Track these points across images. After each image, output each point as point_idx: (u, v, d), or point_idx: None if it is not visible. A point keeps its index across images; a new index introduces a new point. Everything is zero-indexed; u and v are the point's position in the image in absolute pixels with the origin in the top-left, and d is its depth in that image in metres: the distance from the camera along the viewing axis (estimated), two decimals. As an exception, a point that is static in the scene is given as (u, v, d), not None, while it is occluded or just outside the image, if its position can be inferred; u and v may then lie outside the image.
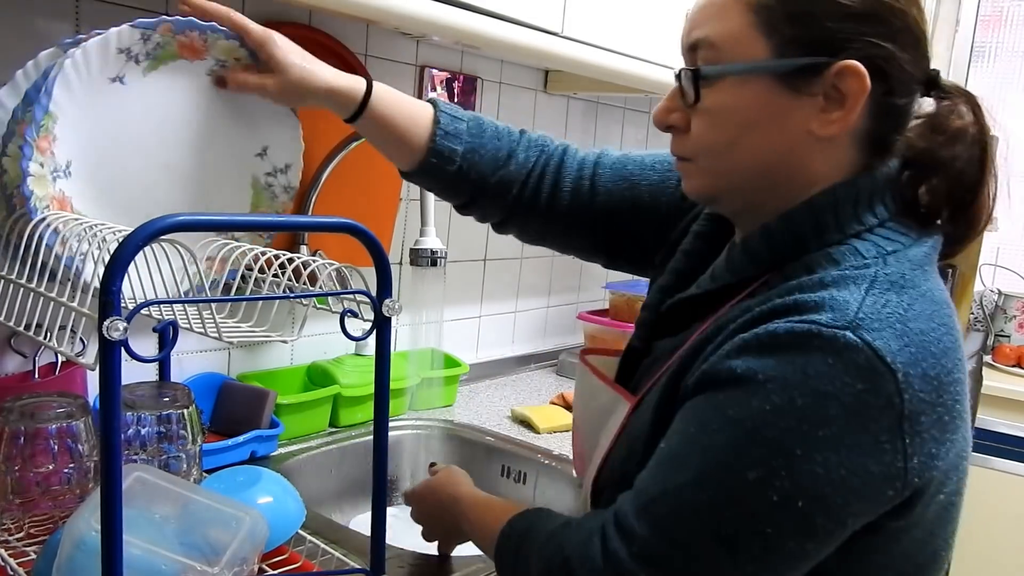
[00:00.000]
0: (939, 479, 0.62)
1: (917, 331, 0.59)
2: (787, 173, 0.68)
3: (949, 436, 0.61)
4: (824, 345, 0.57)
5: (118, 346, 0.53)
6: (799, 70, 0.64)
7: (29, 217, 0.78)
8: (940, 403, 0.59)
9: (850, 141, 0.67)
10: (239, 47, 0.88)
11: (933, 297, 0.63)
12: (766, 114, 0.66)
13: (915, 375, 0.58)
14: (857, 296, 0.60)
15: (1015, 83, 2.87)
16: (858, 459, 0.57)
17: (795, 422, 0.57)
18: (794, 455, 0.57)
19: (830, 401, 0.57)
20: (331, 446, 1.32)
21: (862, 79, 0.63)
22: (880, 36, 0.64)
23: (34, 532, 0.81)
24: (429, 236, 1.26)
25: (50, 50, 0.85)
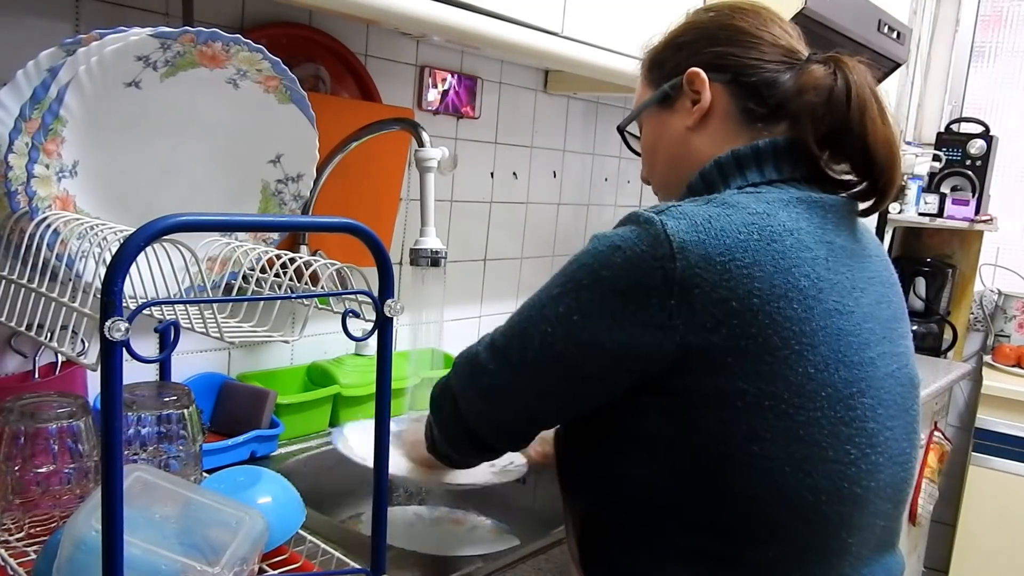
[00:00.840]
0: (720, 357, 0.71)
1: (717, 227, 0.72)
2: (689, 163, 0.86)
3: (738, 324, 0.71)
4: (635, 220, 0.75)
5: (119, 346, 0.53)
6: (666, 94, 0.89)
7: (31, 216, 0.79)
8: (725, 287, 0.70)
9: (724, 121, 0.85)
10: (261, 59, 0.88)
11: (763, 216, 0.75)
12: (660, 131, 0.90)
13: (693, 252, 0.71)
14: (684, 203, 0.76)
15: (1015, 83, 2.87)
16: (627, 301, 0.72)
17: (591, 260, 0.75)
18: (582, 284, 0.75)
19: (618, 252, 0.73)
20: (331, 446, 1.31)
21: (699, 75, 0.85)
22: (708, 46, 0.86)
23: (34, 532, 0.81)
24: (429, 236, 1.25)
25: (50, 50, 0.85)
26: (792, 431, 0.72)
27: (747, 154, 0.82)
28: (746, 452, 0.72)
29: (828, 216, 0.80)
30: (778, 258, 0.73)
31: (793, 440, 0.72)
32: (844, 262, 0.78)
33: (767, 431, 0.71)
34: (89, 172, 0.84)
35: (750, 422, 0.71)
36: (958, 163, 2.66)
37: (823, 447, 0.72)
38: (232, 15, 1.20)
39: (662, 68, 0.90)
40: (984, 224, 2.59)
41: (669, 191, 0.91)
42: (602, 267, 0.74)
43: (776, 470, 0.72)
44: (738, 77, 0.84)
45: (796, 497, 0.72)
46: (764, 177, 0.81)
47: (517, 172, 1.77)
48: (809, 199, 0.79)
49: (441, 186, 1.59)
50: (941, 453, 2.45)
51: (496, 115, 1.69)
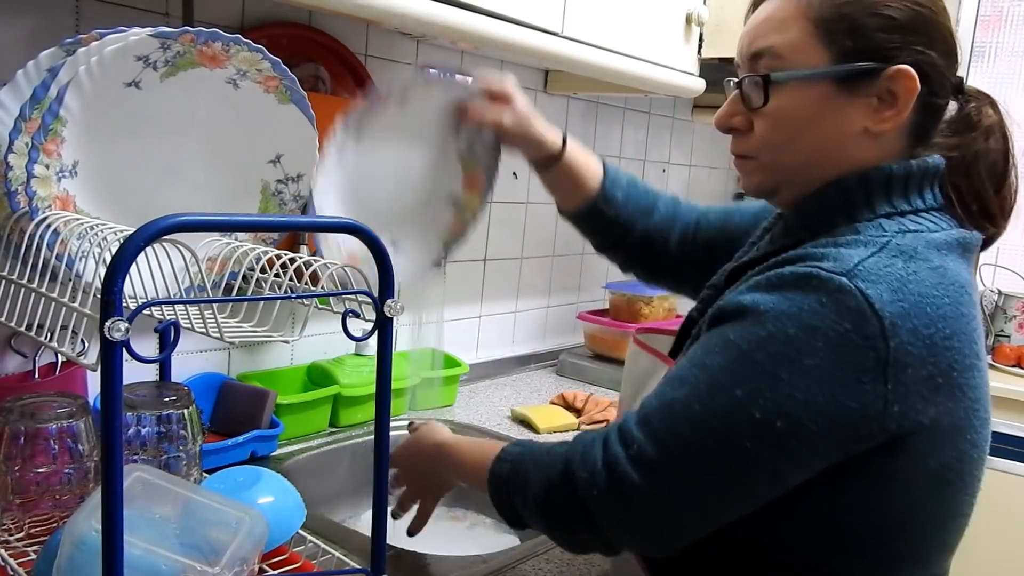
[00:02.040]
0: (927, 438, 0.66)
1: (915, 292, 0.64)
2: (838, 164, 0.75)
3: (942, 400, 0.65)
4: (820, 286, 0.64)
5: (119, 347, 0.53)
6: (856, 75, 0.72)
7: (31, 217, 0.78)
8: (931, 362, 0.64)
9: (897, 134, 0.75)
10: (261, 59, 0.88)
11: (944, 273, 0.67)
12: (825, 114, 0.74)
13: (903, 327, 0.63)
14: (863, 254, 0.66)
15: (1015, 83, 2.87)
16: (837, 392, 0.63)
17: (783, 348, 0.63)
18: (779, 378, 0.63)
19: (818, 334, 0.63)
20: (331, 446, 1.32)
21: (913, 81, 0.71)
22: (923, 44, 0.72)
23: (34, 532, 0.81)
24: (429, 236, 1.25)
25: (50, 50, 0.85)
26: (948, 502, 0.71)
27: (898, 175, 0.73)
28: (915, 520, 0.70)
29: (971, 259, 0.74)
30: (965, 324, 0.67)
31: (952, 504, 0.71)
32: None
33: (939, 502, 0.70)
34: (89, 172, 0.84)
35: (920, 497, 0.69)
36: (958, 163, 2.66)
37: (964, 513, 0.73)
38: (232, 15, 1.20)
39: (861, 38, 0.72)
40: (984, 224, 2.59)
41: (787, 179, 0.78)
42: (801, 356, 0.63)
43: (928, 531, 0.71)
44: (934, 95, 0.74)
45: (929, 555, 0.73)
46: (910, 205, 0.73)
47: (517, 172, 1.77)
48: (964, 242, 0.73)
49: (441, 186, 1.59)
50: (941, 453, 2.45)
51: (496, 115, 1.69)
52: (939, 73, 0.73)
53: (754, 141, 0.78)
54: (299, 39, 1.28)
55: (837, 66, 0.72)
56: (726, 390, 0.65)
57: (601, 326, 1.90)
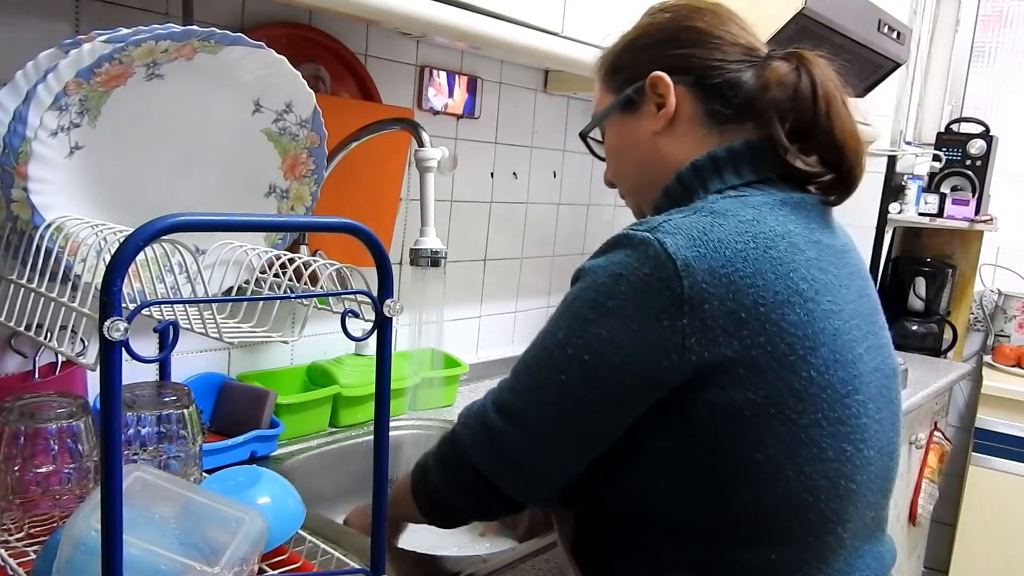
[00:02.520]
0: (738, 372, 0.70)
1: (714, 239, 0.72)
2: (661, 168, 0.85)
3: (749, 335, 0.70)
4: (628, 242, 0.73)
5: (119, 346, 0.53)
6: (628, 97, 0.88)
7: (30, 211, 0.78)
8: (731, 299, 0.70)
9: (691, 124, 0.85)
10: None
11: (755, 226, 0.74)
12: (624, 136, 0.90)
13: (698, 268, 0.70)
14: (672, 216, 0.75)
15: (1015, 83, 2.87)
16: (637, 328, 0.71)
17: (593, 294, 0.73)
18: (588, 320, 0.73)
19: (621, 280, 0.72)
20: (331, 446, 1.32)
21: (662, 79, 0.84)
22: (668, 48, 0.85)
23: (34, 532, 0.81)
24: (429, 236, 1.25)
25: (50, 51, 0.85)
26: (795, 435, 0.72)
27: (723, 156, 0.82)
28: (750, 460, 0.72)
29: (811, 215, 0.81)
30: (776, 264, 0.73)
31: (796, 444, 0.72)
32: (830, 260, 0.79)
33: (772, 438, 0.71)
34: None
35: (756, 431, 0.71)
36: (958, 163, 2.66)
37: (823, 447, 0.73)
38: (232, 14, 1.20)
39: (623, 72, 0.89)
40: (984, 224, 2.59)
41: (639, 196, 0.91)
42: (607, 299, 0.72)
43: (779, 475, 0.72)
44: (702, 79, 0.84)
45: (797, 499, 0.72)
46: (741, 178, 0.81)
47: (517, 172, 1.77)
48: (792, 200, 0.80)
49: (441, 186, 1.59)
50: (941, 453, 2.45)
51: (496, 115, 1.69)
52: (697, 61, 0.83)
53: (609, 178, 0.95)
54: (299, 39, 1.28)
55: (615, 99, 0.89)
56: (552, 335, 0.76)
57: (601, 326, 1.90)
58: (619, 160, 0.92)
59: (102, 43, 0.80)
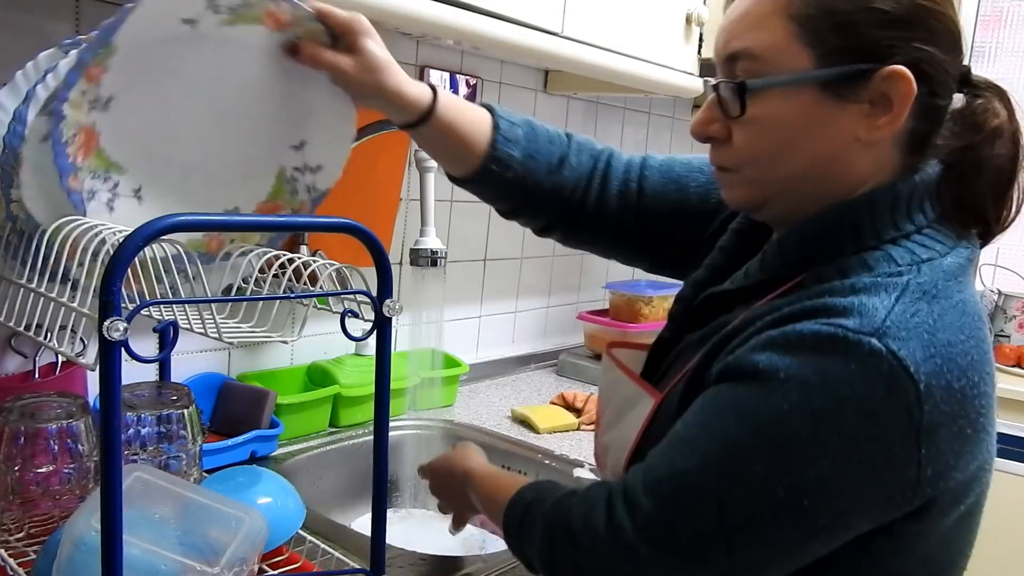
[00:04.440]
0: (957, 490, 0.62)
1: (944, 342, 0.59)
2: (831, 179, 0.68)
3: (970, 448, 0.61)
4: (848, 350, 0.58)
5: (118, 346, 0.53)
6: (845, 78, 0.64)
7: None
8: (962, 415, 0.59)
9: (892, 142, 0.67)
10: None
11: (965, 309, 0.63)
12: (812, 123, 0.66)
13: (937, 387, 0.57)
14: (887, 303, 0.60)
15: (1015, 83, 2.87)
16: (869, 466, 0.58)
17: (810, 423, 0.58)
18: (805, 456, 0.58)
19: (847, 406, 0.57)
20: (331, 446, 1.32)
21: (909, 83, 0.63)
22: (922, 40, 0.64)
23: (34, 532, 0.81)
24: (429, 236, 1.26)
25: (50, 51, 0.85)
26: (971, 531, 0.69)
27: (904, 195, 0.67)
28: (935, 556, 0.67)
29: None
30: (989, 363, 0.63)
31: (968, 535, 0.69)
32: None
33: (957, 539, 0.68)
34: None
35: (949, 537, 0.67)
36: (958, 163, 2.66)
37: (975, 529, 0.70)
38: (232, 15, 1.20)
39: (849, 36, 0.64)
40: (984, 224, 2.59)
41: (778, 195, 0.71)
42: (830, 431, 0.57)
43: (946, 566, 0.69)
44: (934, 96, 0.66)
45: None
46: (914, 224, 0.67)
47: (517, 172, 1.77)
48: (971, 260, 0.68)
49: (441, 186, 1.58)
50: (941, 453, 2.45)
51: (496, 115, 1.69)
52: (941, 71, 0.65)
53: (735, 153, 0.70)
54: (299, 39, 1.28)
55: (822, 69, 0.64)
56: (744, 465, 0.60)
57: (601, 326, 1.90)
58: (782, 143, 0.68)
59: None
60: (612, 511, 0.65)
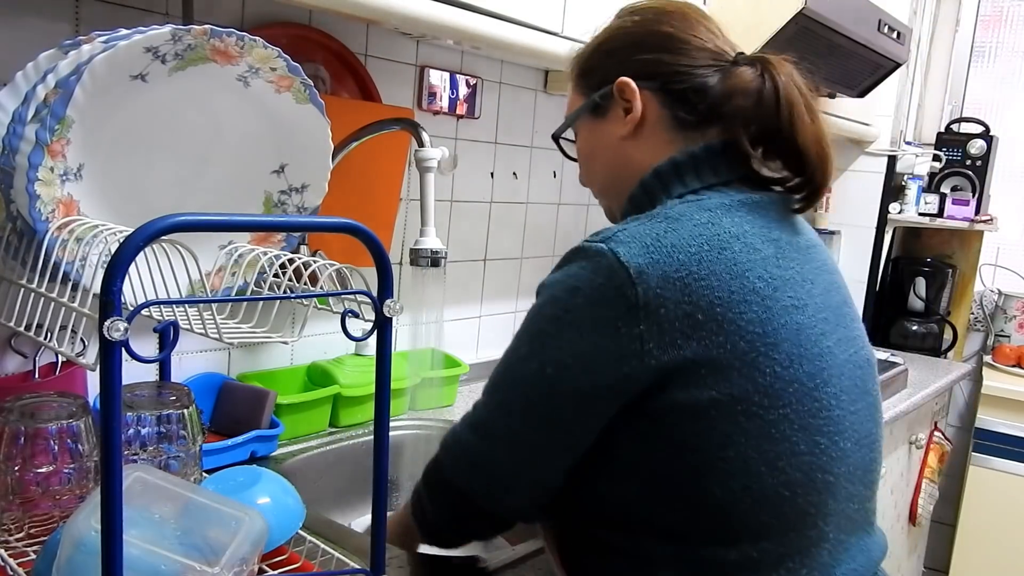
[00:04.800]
0: (694, 370, 0.71)
1: (667, 244, 0.73)
2: (625, 172, 0.87)
3: (707, 335, 0.71)
4: (582, 255, 0.75)
5: (118, 346, 0.53)
6: (596, 103, 0.89)
7: (32, 220, 0.78)
8: (687, 301, 0.71)
9: (656, 129, 0.85)
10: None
11: (709, 228, 0.75)
12: (595, 139, 0.91)
13: (652, 274, 0.71)
14: (628, 224, 0.76)
15: (1015, 83, 2.87)
16: (596, 338, 0.72)
17: (551, 309, 0.75)
18: (548, 334, 0.75)
19: (577, 292, 0.73)
20: (331, 446, 1.32)
21: (628, 84, 0.85)
22: (634, 54, 0.86)
23: (34, 532, 0.81)
24: (429, 236, 1.25)
25: (49, 52, 0.85)
26: (764, 431, 0.73)
27: (685, 161, 0.83)
28: (721, 458, 0.72)
29: (769, 214, 0.81)
30: (731, 264, 0.74)
31: (766, 439, 0.73)
32: (792, 256, 0.80)
33: (741, 435, 0.72)
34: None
35: (724, 429, 0.72)
36: (958, 163, 2.66)
37: (794, 442, 0.74)
38: (232, 15, 1.20)
39: (592, 76, 0.90)
40: (984, 224, 2.59)
41: (609, 198, 0.92)
42: (564, 312, 0.74)
43: (752, 471, 0.72)
44: (667, 85, 0.84)
45: (773, 495, 0.73)
46: (703, 182, 0.82)
47: (517, 172, 1.78)
48: (749, 200, 0.81)
49: (441, 186, 1.59)
50: (941, 453, 2.45)
51: (496, 115, 1.69)
52: (665, 66, 0.84)
53: (581, 180, 0.96)
54: (299, 39, 1.28)
55: (584, 102, 0.90)
56: (515, 351, 0.78)
57: (601, 326, 1.90)
58: (589, 163, 0.93)
59: (102, 44, 0.80)
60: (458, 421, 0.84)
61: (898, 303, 2.73)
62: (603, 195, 0.94)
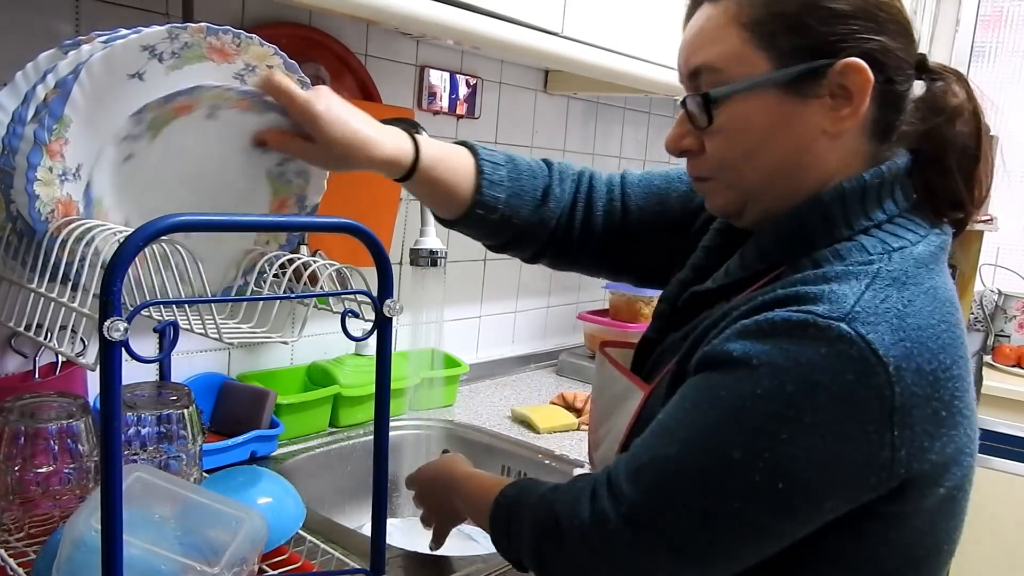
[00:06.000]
0: (934, 471, 0.63)
1: (914, 326, 0.61)
2: (802, 174, 0.70)
3: (945, 431, 0.62)
4: (818, 335, 0.59)
5: (119, 346, 0.53)
6: (802, 76, 0.67)
7: (31, 219, 0.78)
8: (935, 398, 0.61)
9: (858, 132, 0.70)
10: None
11: (936, 294, 0.65)
12: (778, 123, 0.69)
13: (908, 369, 0.59)
14: (856, 290, 0.62)
15: (1015, 83, 2.87)
16: (842, 447, 0.59)
17: (783, 407, 0.59)
18: (778, 439, 0.60)
19: (819, 389, 0.59)
20: (331, 446, 1.32)
21: (864, 73, 0.66)
22: (870, 31, 0.67)
23: (34, 532, 0.81)
24: (429, 236, 1.26)
25: (50, 51, 0.85)
26: (956, 517, 0.69)
27: (873, 185, 0.69)
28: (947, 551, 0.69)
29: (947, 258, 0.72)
30: (961, 347, 0.64)
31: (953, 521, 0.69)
32: None
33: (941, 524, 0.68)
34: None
35: (932, 522, 0.67)
36: (958, 163, 2.66)
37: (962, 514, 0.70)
38: (232, 14, 1.20)
39: (800, 36, 0.67)
40: (984, 224, 2.59)
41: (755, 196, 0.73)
42: (802, 413, 0.59)
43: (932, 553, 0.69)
44: (892, 83, 0.69)
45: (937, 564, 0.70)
46: (885, 213, 0.69)
47: (517, 172, 1.77)
48: (944, 247, 0.70)
49: (441, 186, 1.59)
50: (941, 453, 2.45)
51: (496, 115, 1.69)
52: (894, 57, 0.68)
53: (709, 162, 0.73)
54: (299, 39, 1.28)
55: (779, 71, 0.67)
56: (721, 450, 0.62)
57: (601, 326, 1.90)
58: (752, 146, 0.70)
59: (101, 44, 0.80)
60: (596, 500, 0.67)
61: (898, 303, 2.73)
62: (745, 190, 0.73)
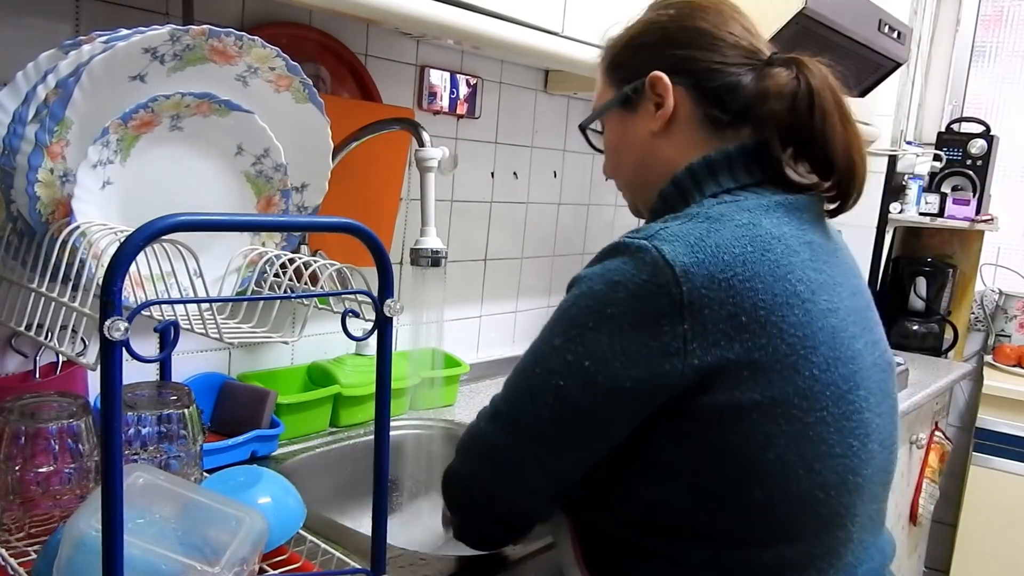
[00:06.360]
0: (742, 373, 0.71)
1: (712, 244, 0.72)
2: (655, 168, 0.86)
3: (750, 337, 0.71)
4: (624, 250, 0.74)
5: (119, 346, 0.53)
6: (629, 94, 0.87)
7: (31, 220, 0.78)
8: (731, 303, 0.71)
9: (688, 126, 0.85)
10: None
11: (751, 229, 0.75)
12: (624, 134, 0.90)
13: (697, 274, 0.70)
14: (669, 223, 0.75)
15: (1015, 83, 2.87)
16: (638, 334, 0.71)
17: (591, 301, 0.73)
18: (587, 326, 0.73)
19: (619, 287, 0.72)
20: (331, 446, 1.32)
21: (662, 79, 0.84)
22: (665, 48, 0.85)
23: (34, 532, 0.81)
24: (429, 236, 1.25)
25: (50, 52, 0.85)
26: (802, 433, 0.73)
27: (719, 160, 0.82)
28: (761, 460, 0.72)
29: (804, 216, 0.81)
30: (773, 266, 0.74)
31: (804, 441, 0.73)
32: (825, 259, 0.80)
33: (780, 437, 0.72)
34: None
35: (764, 430, 0.72)
36: (959, 163, 2.66)
37: (830, 444, 0.74)
38: (232, 15, 1.20)
39: (623, 69, 0.89)
40: (985, 224, 2.59)
41: (636, 193, 0.92)
42: (605, 306, 0.72)
43: (790, 473, 0.73)
44: (701, 82, 0.84)
45: (809, 496, 0.74)
46: (737, 182, 0.82)
47: (517, 172, 1.77)
48: (786, 202, 0.80)
49: (441, 186, 1.59)
50: (942, 453, 2.45)
51: (496, 115, 1.69)
52: (697, 63, 0.83)
53: (608, 173, 0.95)
54: (299, 39, 1.28)
55: (615, 96, 0.89)
56: (548, 342, 0.76)
57: (601, 326, 1.90)
58: (617, 157, 0.92)
59: (102, 44, 0.80)
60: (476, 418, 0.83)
61: (899, 303, 2.73)
62: (629, 189, 0.93)
